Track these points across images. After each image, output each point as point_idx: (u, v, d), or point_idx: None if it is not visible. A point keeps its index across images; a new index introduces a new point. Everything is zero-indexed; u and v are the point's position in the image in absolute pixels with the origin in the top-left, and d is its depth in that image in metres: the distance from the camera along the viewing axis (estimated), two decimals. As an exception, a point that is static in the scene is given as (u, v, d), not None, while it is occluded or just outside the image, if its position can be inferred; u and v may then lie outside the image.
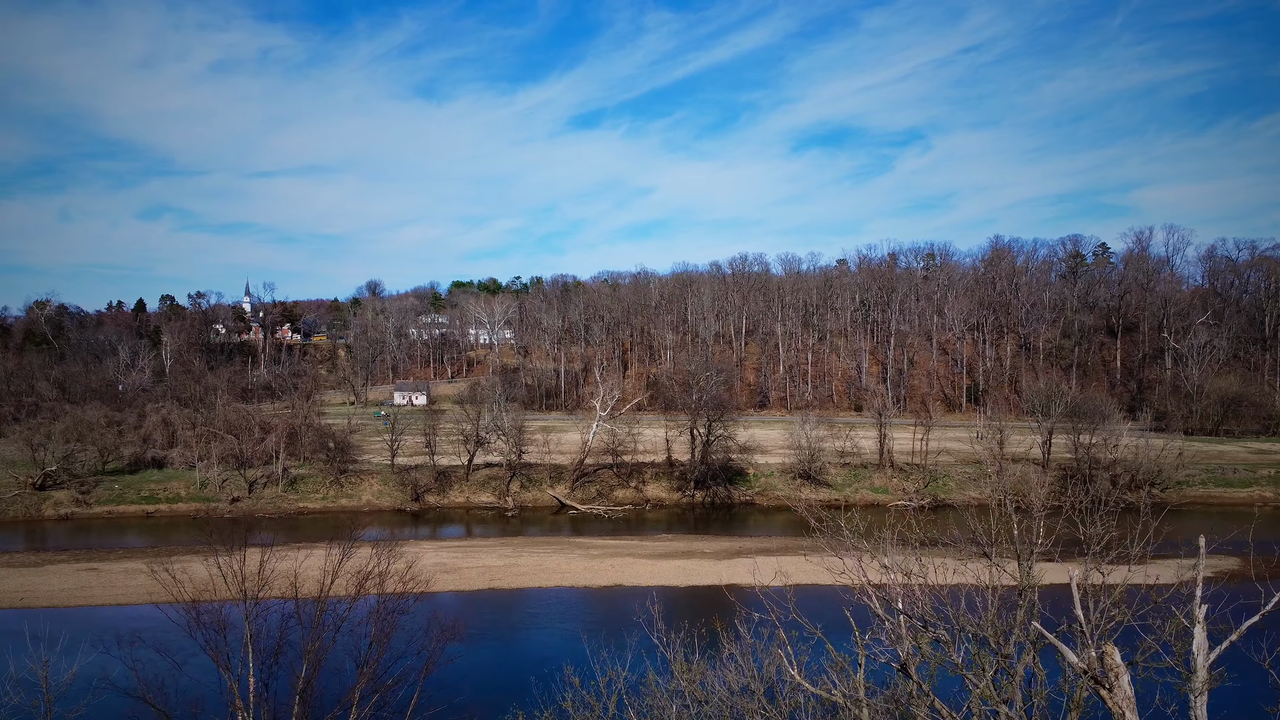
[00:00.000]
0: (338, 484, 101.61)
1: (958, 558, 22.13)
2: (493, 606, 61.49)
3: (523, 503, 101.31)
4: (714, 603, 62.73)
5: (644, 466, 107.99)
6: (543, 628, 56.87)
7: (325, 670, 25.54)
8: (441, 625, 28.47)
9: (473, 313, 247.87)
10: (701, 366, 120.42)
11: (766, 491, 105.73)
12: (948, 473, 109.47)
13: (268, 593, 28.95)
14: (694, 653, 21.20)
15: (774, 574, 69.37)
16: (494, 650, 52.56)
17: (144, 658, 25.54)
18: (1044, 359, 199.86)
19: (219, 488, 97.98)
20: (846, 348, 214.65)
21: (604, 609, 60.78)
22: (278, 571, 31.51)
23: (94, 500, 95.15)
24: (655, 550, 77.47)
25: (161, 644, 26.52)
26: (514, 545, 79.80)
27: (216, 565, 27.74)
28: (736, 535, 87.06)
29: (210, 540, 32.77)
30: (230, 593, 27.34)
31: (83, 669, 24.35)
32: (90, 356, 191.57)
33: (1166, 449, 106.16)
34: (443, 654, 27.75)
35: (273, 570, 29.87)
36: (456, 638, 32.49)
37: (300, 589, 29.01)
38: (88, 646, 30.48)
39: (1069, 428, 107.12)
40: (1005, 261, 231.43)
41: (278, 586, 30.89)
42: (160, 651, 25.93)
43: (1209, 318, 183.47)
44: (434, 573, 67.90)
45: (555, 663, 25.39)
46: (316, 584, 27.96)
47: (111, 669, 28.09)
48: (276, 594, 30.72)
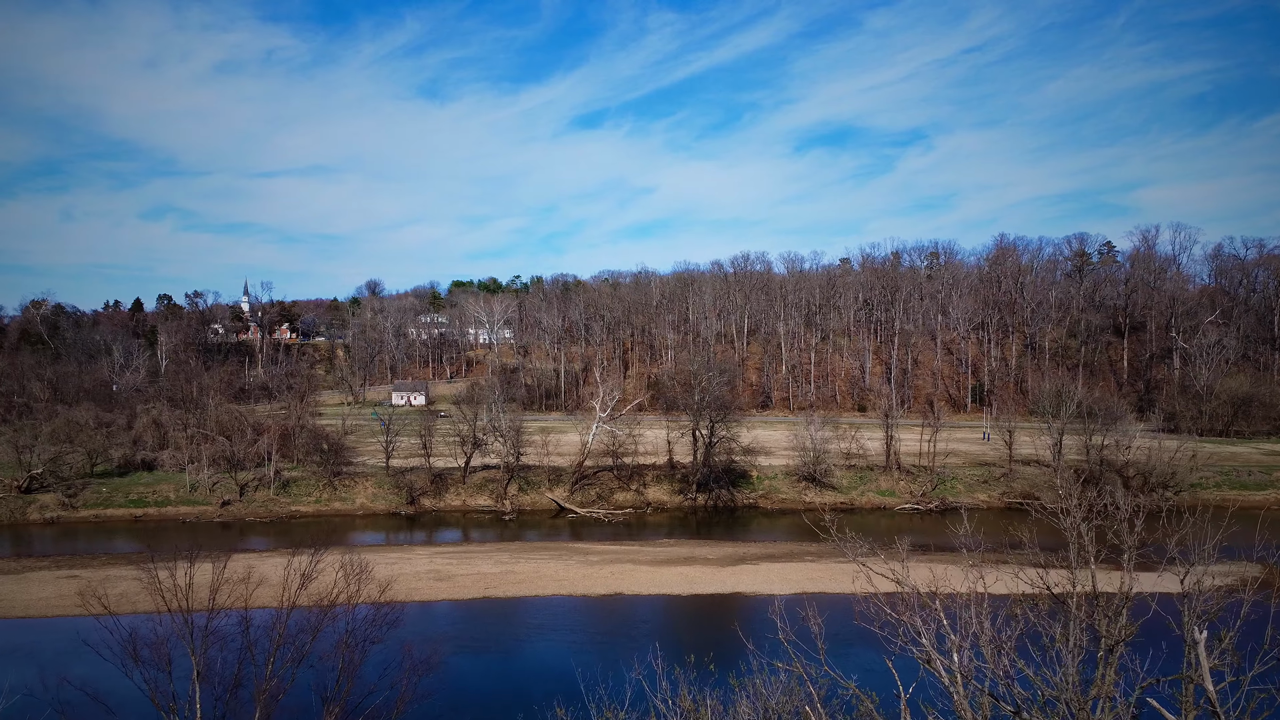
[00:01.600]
0: (331, 487, 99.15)
1: (1014, 583, 19.58)
2: (487, 617, 59.02)
3: (521, 506, 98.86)
4: (718, 613, 60.33)
5: (645, 469, 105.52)
6: (538, 640, 54.38)
7: (287, 708, 23.05)
8: (414, 660, 25.88)
9: (472, 312, 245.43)
10: (704, 366, 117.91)
11: (771, 494, 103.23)
12: (956, 475, 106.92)
13: (224, 615, 26.26)
14: (703, 692, 18.65)
15: (780, 580, 66.94)
16: (484, 670, 50.02)
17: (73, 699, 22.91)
18: (1049, 359, 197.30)
19: (209, 491, 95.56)
20: (850, 347, 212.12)
21: (603, 620, 58.31)
22: (236, 596, 28.82)
23: (81, 504, 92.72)
24: (656, 556, 74.98)
25: (98, 685, 23.88)
26: (511, 551, 77.34)
27: (159, 590, 25.07)
28: (740, 540, 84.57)
29: (153, 558, 29.92)
30: (174, 617, 24.65)
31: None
32: (84, 356, 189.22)
33: (1180, 450, 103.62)
34: (416, 687, 25.20)
35: (229, 596, 27.12)
36: (433, 669, 29.95)
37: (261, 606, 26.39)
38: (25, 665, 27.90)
39: (1080, 429, 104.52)
40: (1010, 260, 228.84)
41: (236, 605, 28.25)
42: (94, 697, 23.35)
43: (1218, 317, 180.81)
44: (426, 580, 65.55)
45: (548, 688, 22.94)
46: (279, 602, 25.33)
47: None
48: (234, 616, 28.04)
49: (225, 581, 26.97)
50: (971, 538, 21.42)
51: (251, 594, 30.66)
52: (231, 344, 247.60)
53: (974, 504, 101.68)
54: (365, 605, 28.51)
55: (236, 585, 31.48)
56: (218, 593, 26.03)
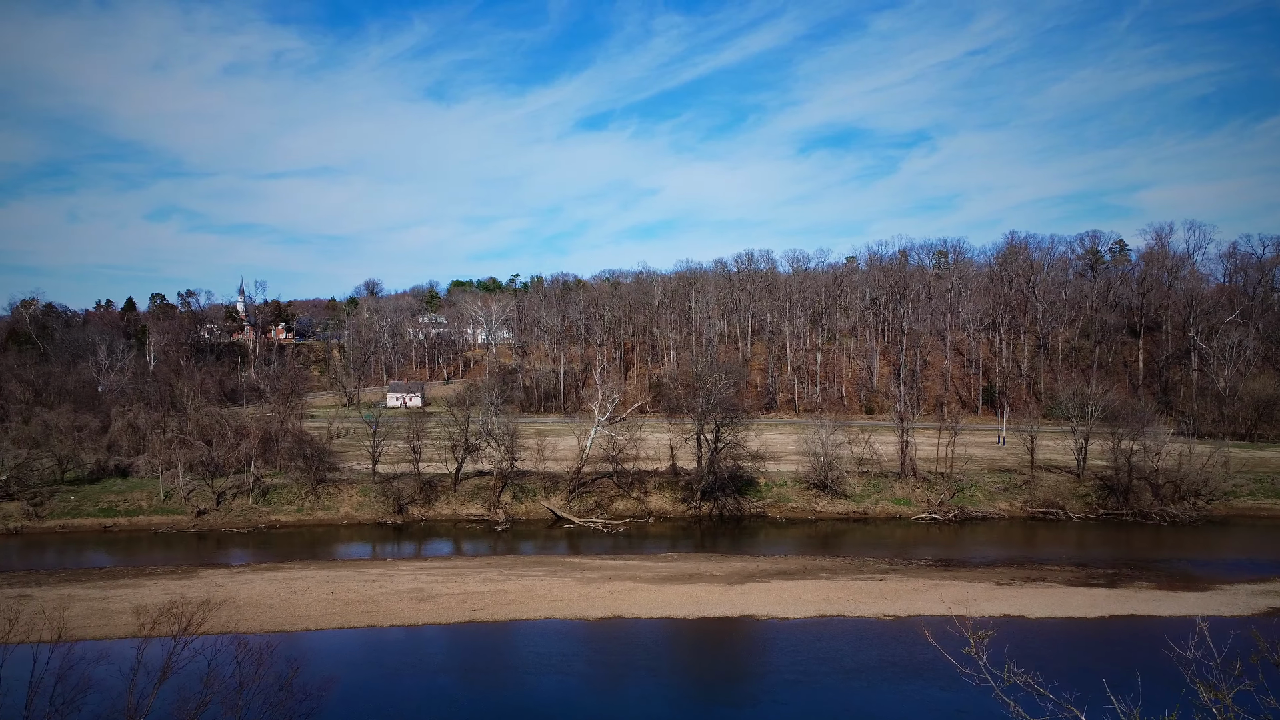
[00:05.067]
0: (314, 495, 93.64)
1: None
2: (471, 645, 53.47)
3: (514, 515, 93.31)
4: (728, 639, 54.78)
5: (646, 475, 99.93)
6: (525, 674, 48.79)
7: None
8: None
9: (469, 312, 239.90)
10: (709, 367, 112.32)
11: (779, 503, 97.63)
12: (975, 482, 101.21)
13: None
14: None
15: (795, 601, 61.33)
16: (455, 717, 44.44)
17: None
18: (1063, 359, 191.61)
19: (184, 499, 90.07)
20: (856, 348, 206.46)
21: (601, 647, 52.71)
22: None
23: (47, 513, 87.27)
24: (659, 573, 69.42)
25: None
26: (501, 566, 71.76)
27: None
28: (748, 554, 78.99)
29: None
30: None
31: None
32: (70, 357, 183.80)
33: (1214, 457, 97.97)
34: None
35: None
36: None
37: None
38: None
39: (1107, 433, 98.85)
40: (1021, 258, 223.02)
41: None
42: None
43: (1238, 316, 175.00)
44: (408, 601, 60.09)
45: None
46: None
47: None
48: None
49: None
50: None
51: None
52: (225, 344, 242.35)
53: (995, 513, 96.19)
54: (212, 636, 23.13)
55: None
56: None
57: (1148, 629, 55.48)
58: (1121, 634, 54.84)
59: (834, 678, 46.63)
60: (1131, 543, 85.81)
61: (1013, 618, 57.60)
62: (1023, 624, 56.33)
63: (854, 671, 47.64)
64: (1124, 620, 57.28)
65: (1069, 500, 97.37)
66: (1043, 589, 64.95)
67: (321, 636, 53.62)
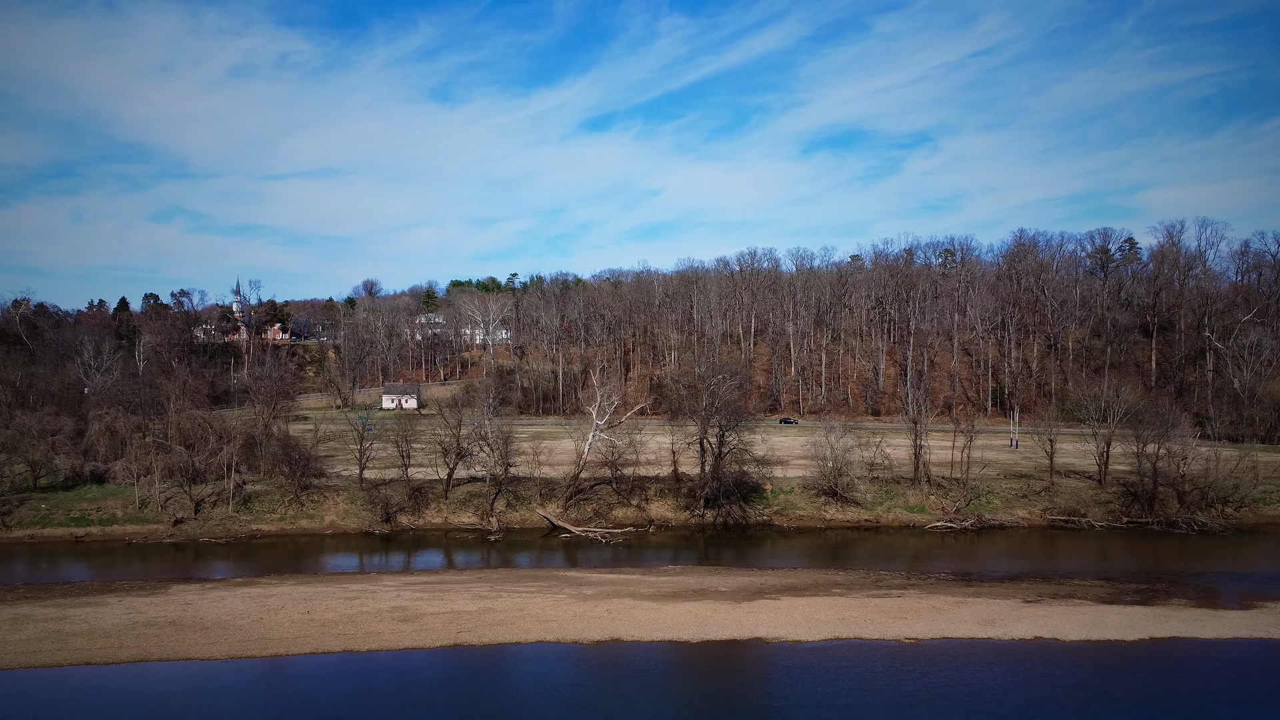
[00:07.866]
0: (298, 502, 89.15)
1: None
2: (455, 673, 48.94)
3: (509, 524, 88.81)
4: (737, 666, 50.14)
5: (647, 481, 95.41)
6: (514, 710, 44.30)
7: None
8: None
9: (467, 312, 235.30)
10: (712, 369, 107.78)
11: (786, 510, 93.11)
12: (991, 488, 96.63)
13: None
14: None
15: (807, 621, 56.80)
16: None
17: None
18: (1073, 360, 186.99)
19: (161, 507, 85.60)
20: (862, 348, 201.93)
21: (597, 679, 48.14)
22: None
23: (15, 522, 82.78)
24: (660, 589, 64.90)
25: None
26: (492, 581, 67.22)
27: None
28: (755, 566, 74.48)
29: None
30: None
31: None
32: (58, 358, 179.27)
33: (1243, 461, 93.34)
34: None
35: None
36: None
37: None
38: None
39: (1130, 437, 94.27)
40: (1030, 256, 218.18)
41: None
42: None
43: (1255, 315, 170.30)
44: (389, 622, 55.56)
45: None
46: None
47: None
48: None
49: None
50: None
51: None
52: (218, 345, 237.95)
53: (1013, 521, 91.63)
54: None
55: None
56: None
57: (1193, 654, 50.92)
58: (1166, 659, 50.24)
59: (883, 712, 41.84)
60: (1159, 553, 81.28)
61: (1045, 640, 53.07)
62: (1057, 648, 51.74)
63: (899, 705, 42.88)
64: (1166, 644, 52.64)
65: (1091, 508, 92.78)
66: (1073, 607, 60.34)
67: (292, 663, 49.10)
